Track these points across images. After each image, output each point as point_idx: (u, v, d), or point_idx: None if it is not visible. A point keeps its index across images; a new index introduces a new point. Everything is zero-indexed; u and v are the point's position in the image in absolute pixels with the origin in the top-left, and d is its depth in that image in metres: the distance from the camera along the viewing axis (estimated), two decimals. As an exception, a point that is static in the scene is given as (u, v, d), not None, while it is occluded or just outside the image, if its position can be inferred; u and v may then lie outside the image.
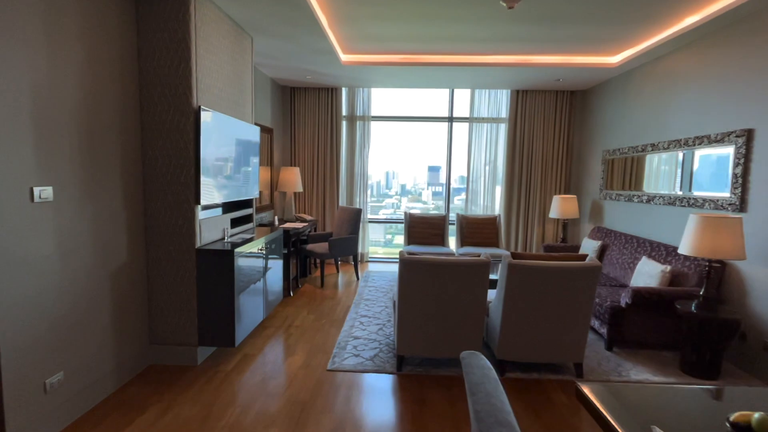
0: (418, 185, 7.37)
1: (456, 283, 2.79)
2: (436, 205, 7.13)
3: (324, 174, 6.28)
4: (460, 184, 6.90)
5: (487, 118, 6.14)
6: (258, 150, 4.09)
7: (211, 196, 3.05)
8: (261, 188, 5.32)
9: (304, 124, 6.21)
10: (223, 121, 3.20)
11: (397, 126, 6.66)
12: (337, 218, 5.64)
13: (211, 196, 3.04)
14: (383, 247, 7.46)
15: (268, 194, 5.59)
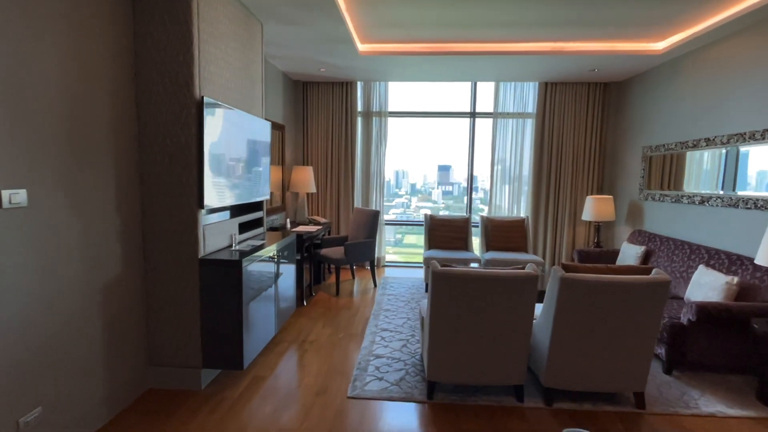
0: (428, 184, 7.22)
1: (498, 299, 2.40)
2: (446, 204, 6.97)
3: (338, 173, 5.92)
4: (475, 184, 6.66)
5: (512, 113, 5.72)
6: (269, 148, 3.74)
7: (217, 198, 2.71)
8: (272, 189, 4.98)
9: (317, 121, 5.86)
10: (230, 115, 2.86)
11: (411, 123, 6.29)
12: (353, 221, 5.28)
13: (216, 198, 2.69)
14: (393, 246, 7.23)
15: (279, 195, 5.26)
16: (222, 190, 2.77)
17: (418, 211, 7.13)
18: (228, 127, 2.84)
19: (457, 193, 6.89)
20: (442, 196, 7.06)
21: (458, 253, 4.92)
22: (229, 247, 2.95)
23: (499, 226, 5.24)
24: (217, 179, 2.69)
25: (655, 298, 2.31)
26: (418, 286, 5.13)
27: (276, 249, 3.25)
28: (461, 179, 7.02)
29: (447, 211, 7.19)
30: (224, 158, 2.79)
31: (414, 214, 7.11)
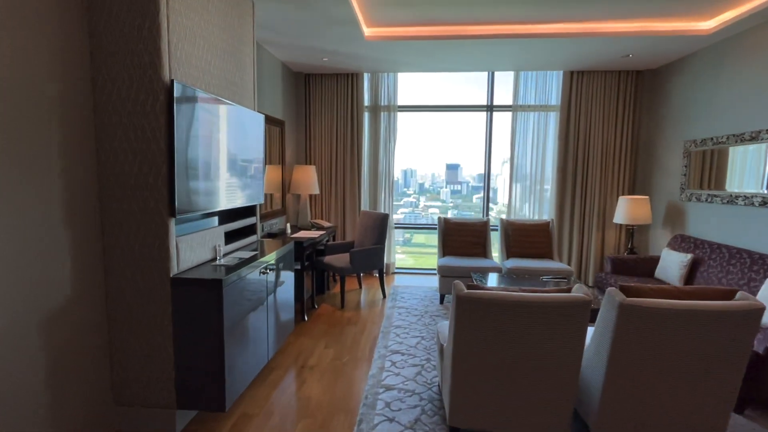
0: (437, 183, 7.07)
1: (541, 329, 1.91)
2: (455, 203, 6.83)
3: (343, 173, 5.46)
4: (478, 183, 6.41)
5: (534, 106, 5.21)
6: (263, 144, 3.29)
7: (195, 203, 2.26)
8: (271, 190, 4.54)
9: (320, 116, 5.40)
10: (212, 105, 2.40)
11: (422, 119, 5.80)
12: (359, 225, 4.81)
13: (193, 204, 2.24)
14: (401, 245, 7.00)
15: (279, 197, 4.81)
16: (201, 194, 2.32)
17: (426, 210, 7.02)
18: (209, 118, 2.38)
19: (466, 192, 6.87)
20: (451, 196, 6.90)
21: (476, 261, 4.43)
22: (212, 261, 2.50)
23: (521, 230, 4.74)
24: (194, 182, 2.24)
25: (745, 329, 1.81)
26: (432, 297, 4.65)
27: (271, 261, 2.79)
28: (469, 178, 6.91)
29: (455, 210, 7.09)
30: (204, 156, 2.34)
31: (422, 213, 6.99)
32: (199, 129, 2.28)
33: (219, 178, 2.54)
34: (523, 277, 3.88)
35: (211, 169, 2.43)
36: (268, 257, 2.78)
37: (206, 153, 2.37)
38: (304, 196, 4.99)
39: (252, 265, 2.52)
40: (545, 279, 3.77)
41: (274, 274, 2.91)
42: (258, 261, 2.61)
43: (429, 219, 6.95)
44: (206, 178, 2.37)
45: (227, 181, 2.65)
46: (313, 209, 5.53)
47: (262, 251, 2.88)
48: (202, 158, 2.31)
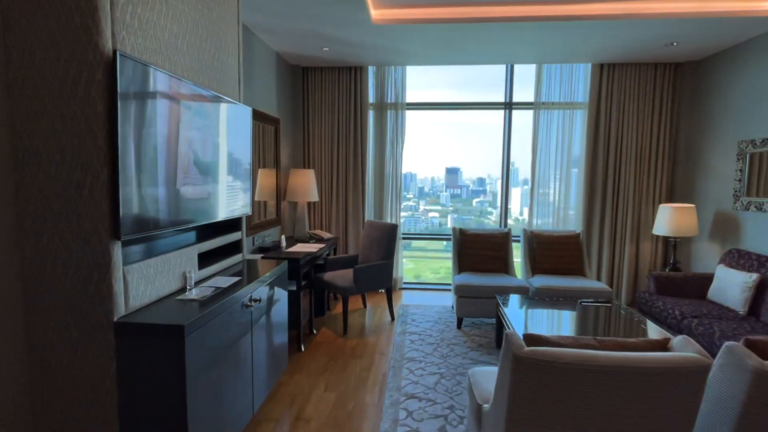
0: (436, 187, 6.96)
1: (634, 401, 1.34)
2: (455, 207, 6.79)
3: (346, 178, 4.89)
4: (478, 186, 6.51)
5: (559, 104, 4.66)
6: (249, 143, 2.73)
7: (153, 220, 1.69)
8: (265, 198, 3.97)
9: (320, 115, 4.84)
10: (179, 90, 1.84)
11: (428, 120, 5.26)
12: (364, 237, 4.24)
13: (150, 220, 1.67)
14: (404, 249, 6.45)
15: (273, 205, 4.24)
16: (162, 206, 1.75)
17: (426, 214, 6.85)
18: (174, 108, 1.82)
19: (466, 196, 6.89)
20: (450, 200, 6.81)
21: (498, 279, 3.85)
22: (180, 291, 1.93)
23: (548, 242, 4.17)
24: (150, 190, 1.67)
25: None
26: (447, 320, 4.07)
27: (258, 288, 2.22)
28: (468, 182, 6.82)
29: (456, 214, 6.94)
30: (166, 157, 1.77)
31: (422, 217, 6.83)
32: (158, 120, 1.71)
33: (190, 184, 1.97)
34: (555, 300, 3.31)
35: (177, 173, 1.86)
36: (255, 284, 2.21)
37: (169, 153, 1.80)
38: (302, 204, 4.43)
39: (232, 297, 1.95)
40: (585, 303, 3.19)
41: (264, 303, 2.34)
42: (240, 291, 2.04)
43: (429, 223, 6.87)
44: (169, 186, 1.80)
45: (201, 189, 2.09)
46: (312, 219, 4.96)
47: (249, 275, 2.31)
48: (163, 160, 1.75)
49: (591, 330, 2.64)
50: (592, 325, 2.73)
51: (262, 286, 2.32)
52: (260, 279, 2.29)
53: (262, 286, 2.32)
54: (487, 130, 5.20)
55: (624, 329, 2.64)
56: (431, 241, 6.82)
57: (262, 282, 2.32)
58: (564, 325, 2.77)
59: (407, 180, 7.15)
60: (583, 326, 2.72)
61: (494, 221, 6.33)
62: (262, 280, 2.31)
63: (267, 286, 2.40)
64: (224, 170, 2.38)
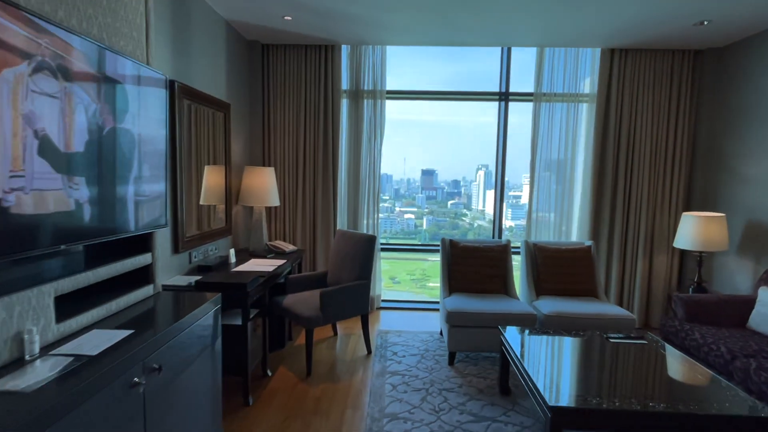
0: (412, 189, 6.90)
1: None
2: (430, 209, 6.78)
3: (314, 178, 4.11)
4: (453, 188, 6.54)
5: (562, 95, 4.02)
6: (165, 127, 1.93)
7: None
8: (212, 200, 3.15)
9: (283, 102, 4.05)
10: (14, 26, 1.04)
11: (409, 113, 4.59)
12: (335, 251, 3.48)
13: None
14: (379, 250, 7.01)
15: (222, 210, 3.42)
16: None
17: (402, 216, 6.79)
18: None
19: (441, 198, 6.93)
20: (426, 201, 6.82)
21: (497, 302, 3.16)
22: (12, 365, 1.12)
23: (555, 258, 3.50)
24: None
25: None
26: (436, 352, 3.34)
27: (163, 345, 1.42)
28: (443, 183, 6.80)
29: (431, 216, 6.96)
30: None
31: (398, 219, 6.76)
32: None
33: (30, 189, 1.17)
34: (571, 332, 2.63)
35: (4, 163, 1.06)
36: (157, 340, 1.41)
37: None
38: (259, 210, 3.62)
39: (105, 374, 1.15)
40: (613, 339, 2.53)
41: (175, 367, 1.54)
42: (127, 357, 1.24)
43: (405, 224, 6.82)
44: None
45: (58, 195, 1.28)
46: (272, 227, 4.14)
47: (154, 323, 1.51)
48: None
49: (637, 384, 1.96)
50: (634, 376, 2.05)
51: (172, 341, 1.53)
52: (171, 329, 1.50)
53: (173, 340, 1.53)
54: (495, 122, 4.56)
55: (686, 385, 1.97)
56: (403, 240, 6.72)
57: (173, 334, 1.53)
58: (598, 375, 2.08)
59: (383, 181, 7.75)
60: (623, 380, 2.03)
61: (468, 222, 6.35)
62: (173, 330, 1.52)
63: (183, 337, 1.60)
64: (118, 165, 1.57)
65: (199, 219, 3.03)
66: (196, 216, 2.98)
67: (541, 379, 2.00)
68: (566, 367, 2.18)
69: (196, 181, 2.98)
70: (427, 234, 7.41)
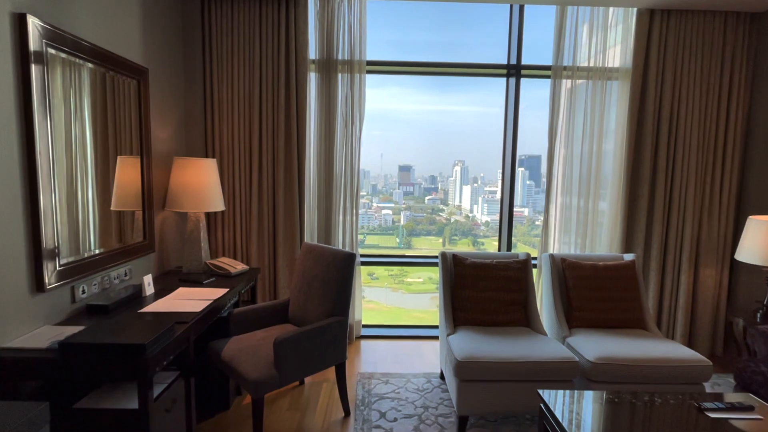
0: (389, 184, 6.85)
1: None
2: (408, 205, 6.78)
3: (274, 175, 3.16)
4: (430, 184, 6.49)
5: (588, 70, 3.20)
6: (12, 90, 0.94)
7: None
8: (127, 205, 2.16)
9: (231, 73, 3.07)
10: None
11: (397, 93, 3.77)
12: (300, 273, 2.54)
13: None
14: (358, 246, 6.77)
15: (140, 217, 2.44)
16: None
17: (380, 212, 6.76)
18: None
19: (418, 194, 6.89)
20: (403, 197, 6.76)
21: (521, 341, 2.30)
22: None
23: (590, 277, 2.67)
24: None
25: None
26: (438, 409, 2.46)
27: None
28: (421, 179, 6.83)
29: (408, 212, 6.94)
30: None
31: (375, 215, 6.68)
32: None
33: None
34: (635, 391, 1.79)
35: None
36: None
37: None
38: (195, 217, 2.65)
39: None
40: (711, 411, 1.69)
41: None
42: None
43: (382, 220, 6.82)
44: None
45: None
46: (217, 239, 3.16)
47: None
48: None
49: None
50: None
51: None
52: None
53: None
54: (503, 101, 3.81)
55: None
56: (381, 236, 6.65)
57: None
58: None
59: (360, 177, 7.77)
60: None
61: (445, 218, 6.28)
62: None
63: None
64: None
65: (104, 231, 2.06)
66: (95, 228, 2.00)
67: None
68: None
69: (96, 177, 2.00)
70: (405, 230, 7.25)
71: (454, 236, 7.75)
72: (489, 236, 7.14)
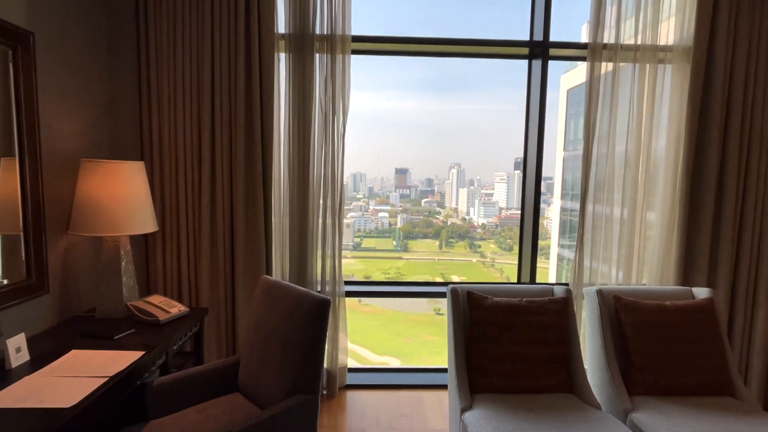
0: (386, 187, 7.05)
1: None
2: (404, 208, 6.86)
3: (230, 183, 2.41)
4: (427, 187, 6.45)
5: (634, 49, 2.50)
6: None
7: None
8: (2, 226, 1.43)
9: (172, 47, 2.32)
10: None
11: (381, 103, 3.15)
12: (254, 317, 1.80)
13: None
14: (351, 251, 6.93)
15: (21, 245, 1.69)
16: None
17: (376, 215, 6.88)
18: None
19: (414, 197, 6.96)
20: (400, 200, 6.96)
21: (568, 424, 1.58)
22: None
23: (654, 323, 1.94)
24: None
25: None
26: None
27: None
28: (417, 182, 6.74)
29: (405, 215, 6.92)
30: None
31: (372, 217, 6.82)
32: None
33: None
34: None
35: None
36: None
37: None
38: (114, 243, 1.92)
39: None
40: None
41: None
42: None
43: (379, 223, 6.87)
44: None
45: None
46: (155, 270, 2.39)
47: None
48: None
49: None
50: None
51: None
52: None
53: None
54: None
55: None
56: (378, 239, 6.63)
57: None
58: None
59: (356, 180, 7.06)
60: None
61: (442, 221, 6.27)
62: None
63: None
64: None
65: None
66: None
67: None
68: None
69: None
70: (401, 233, 7.41)
71: (450, 239, 7.78)
72: (486, 239, 6.92)
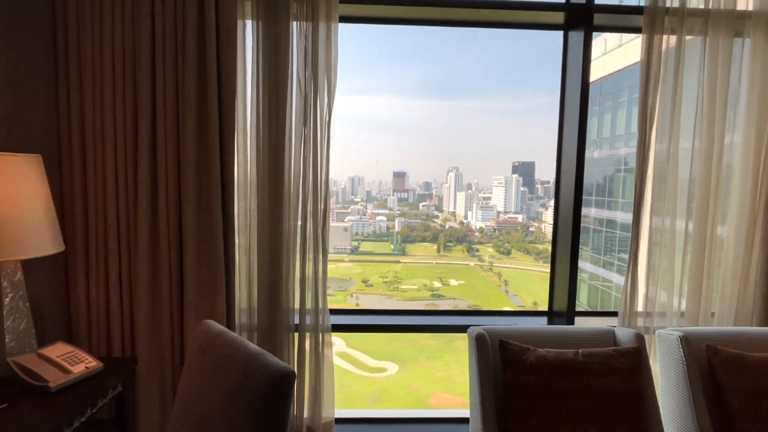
0: (384, 190, 7.02)
1: None
2: (402, 211, 6.81)
3: (176, 185, 1.81)
4: (425, 190, 6.50)
5: (706, 13, 1.93)
6: None
7: None
8: None
9: (98, 8, 1.74)
10: None
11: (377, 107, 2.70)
12: (185, 386, 1.20)
13: None
14: (348, 254, 6.75)
15: None
16: None
17: (374, 218, 6.81)
18: None
19: (413, 200, 6.88)
20: (398, 203, 6.89)
21: None
22: None
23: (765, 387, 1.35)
24: None
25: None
26: None
27: None
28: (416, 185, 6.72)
29: (403, 218, 6.99)
30: None
31: (370, 221, 6.72)
32: None
33: None
34: None
35: None
36: None
37: None
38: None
39: None
40: None
41: None
42: None
43: (376, 227, 6.79)
44: None
45: None
46: (76, 302, 1.78)
47: None
48: None
49: None
50: None
51: None
52: None
53: None
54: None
55: None
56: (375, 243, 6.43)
57: None
58: None
59: (354, 183, 6.91)
60: None
61: (440, 225, 6.31)
62: None
63: None
64: None
65: None
66: None
67: None
68: None
69: None
70: (399, 236, 7.33)
71: (448, 243, 7.66)
72: (484, 243, 6.77)
